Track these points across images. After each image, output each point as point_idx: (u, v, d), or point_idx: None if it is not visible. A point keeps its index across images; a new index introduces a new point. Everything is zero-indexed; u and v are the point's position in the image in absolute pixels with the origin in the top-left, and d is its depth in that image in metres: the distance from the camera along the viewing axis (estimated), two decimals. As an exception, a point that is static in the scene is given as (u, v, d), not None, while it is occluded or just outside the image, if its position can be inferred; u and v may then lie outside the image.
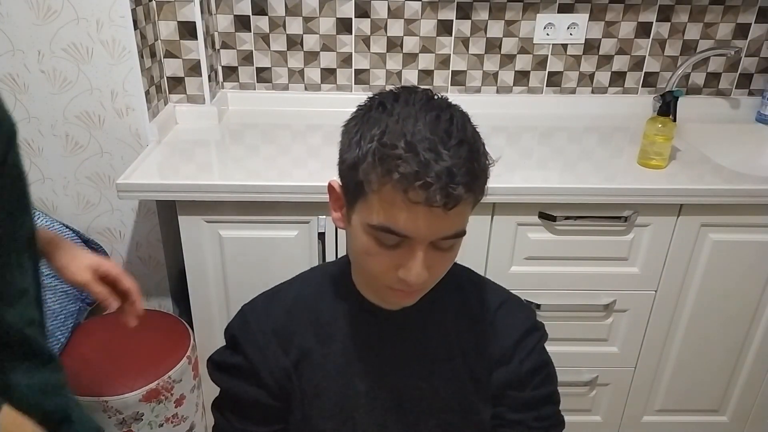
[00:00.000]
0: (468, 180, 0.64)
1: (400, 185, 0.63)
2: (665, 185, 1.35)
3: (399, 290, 0.71)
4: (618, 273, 1.46)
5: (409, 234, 0.66)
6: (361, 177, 0.67)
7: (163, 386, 1.42)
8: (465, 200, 0.65)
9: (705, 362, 1.61)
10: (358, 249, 0.72)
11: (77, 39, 1.41)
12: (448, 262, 0.73)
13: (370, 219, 0.68)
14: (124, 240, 1.64)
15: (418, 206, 0.64)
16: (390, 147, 0.64)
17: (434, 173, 0.62)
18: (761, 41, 1.76)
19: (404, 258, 0.68)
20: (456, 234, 0.68)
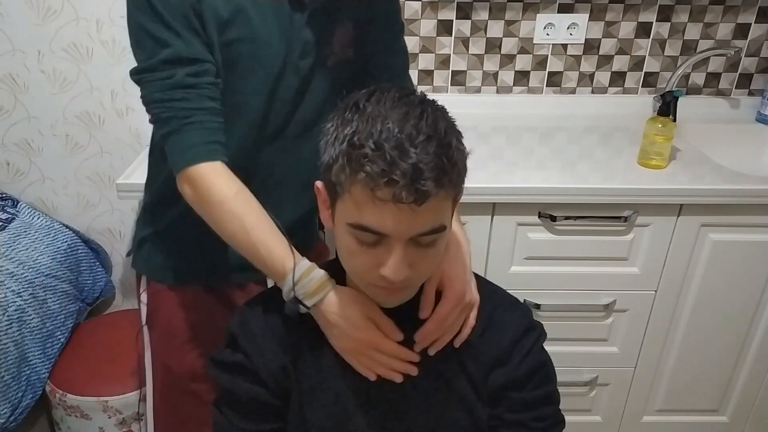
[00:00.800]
0: (436, 175, 0.64)
1: (368, 184, 0.64)
2: (665, 185, 1.35)
3: (383, 288, 0.72)
4: (618, 273, 1.46)
5: (383, 231, 0.67)
6: (334, 178, 0.68)
7: (163, 386, 1.42)
8: (435, 196, 0.65)
9: (705, 362, 1.60)
10: (341, 249, 0.74)
11: (77, 39, 1.41)
12: (432, 259, 0.73)
13: (347, 218, 0.69)
14: (124, 240, 1.64)
15: (387, 204, 0.65)
16: (358, 147, 0.65)
17: (400, 171, 0.63)
18: (761, 41, 1.76)
19: (384, 256, 0.69)
20: (433, 230, 0.69)
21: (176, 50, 0.81)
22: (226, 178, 0.83)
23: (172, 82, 0.82)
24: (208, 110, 0.83)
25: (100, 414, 1.38)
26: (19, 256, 1.38)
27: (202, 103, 0.83)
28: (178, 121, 0.82)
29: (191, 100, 0.82)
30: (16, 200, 1.54)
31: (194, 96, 0.82)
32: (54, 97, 1.46)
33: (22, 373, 1.33)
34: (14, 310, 1.31)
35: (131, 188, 1.32)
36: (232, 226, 0.82)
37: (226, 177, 0.83)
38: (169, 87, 0.82)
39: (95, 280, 1.58)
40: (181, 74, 0.81)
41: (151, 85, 0.83)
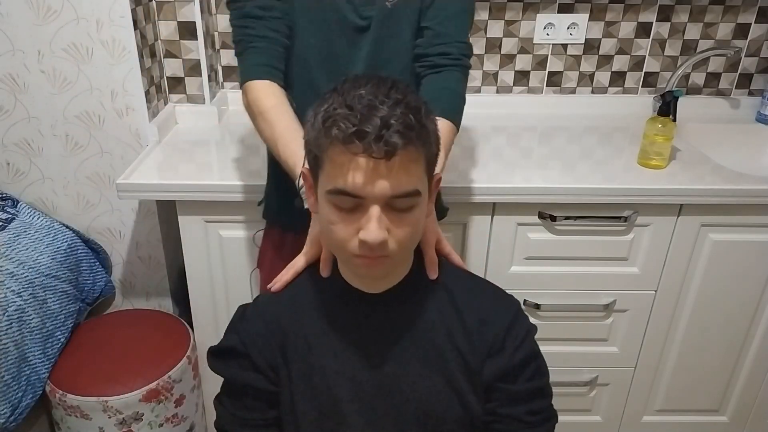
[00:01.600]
0: (403, 129, 0.68)
1: (340, 140, 0.69)
2: (665, 185, 1.35)
3: (364, 257, 0.73)
4: (618, 273, 1.46)
5: (359, 192, 0.70)
6: (315, 148, 0.73)
7: (163, 386, 1.43)
8: (403, 150, 0.69)
9: (705, 362, 1.61)
10: (324, 222, 0.76)
11: (77, 39, 1.41)
12: (409, 226, 0.74)
13: (327, 186, 0.72)
14: (124, 240, 1.64)
15: (359, 159, 0.68)
16: (333, 111, 0.70)
17: (370, 124, 0.67)
18: (761, 41, 1.76)
19: (363, 221, 0.71)
20: (407, 193, 0.71)
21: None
22: (268, 94, 0.99)
23: (242, 12, 1.00)
24: (268, 39, 1.00)
25: (100, 414, 1.38)
26: (19, 256, 1.38)
27: (264, 32, 1.00)
28: (244, 45, 1.01)
29: (256, 29, 0.99)
30: (16, 200, 1.54)
31: (259, 25, 0.99)
32: (54, 97, 1.46)
33: (22, 373, 1.33)
34: (14, 310, 1.31)
35: (131, 188, 1.32)
36: (266, 134, 0.99)
37: (268, 93, 0.99)
38: (240, 16, 1.00)
39: (95, 280, 1.58)
40: (250, 6, 0.99)
41: (231, 12, 1.01)
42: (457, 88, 1.07)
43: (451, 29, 1.06)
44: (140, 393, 1.39)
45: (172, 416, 1.48)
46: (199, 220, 1.37)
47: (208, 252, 1.41)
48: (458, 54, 1.06)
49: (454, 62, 1.06)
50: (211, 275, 1.44)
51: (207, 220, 1.37)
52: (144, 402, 1.40)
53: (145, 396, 1.40)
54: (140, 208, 1.60)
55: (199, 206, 1.35)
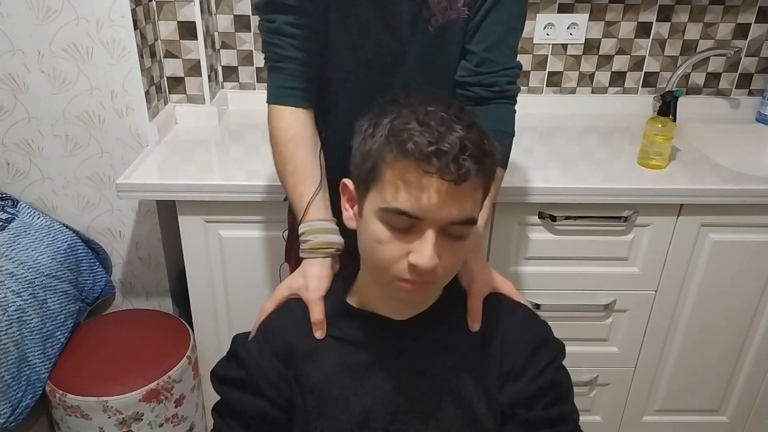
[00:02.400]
0: (478, 155, 0.66)
1: (414, 156, 0.66)
2: (665, 185, 1.35)
3: (409, 281, 0.70)
4: (618, 273, 1.46)
5: (420, 214, 0.67)
6: (376, 159, 0.69)
7: (163, 386, 1.43)
8: (474, 177, 0.67)
9: (705, 362, 1.61)
10: (369, 239, 0.72)
11: (77, 39, 1.41)
12: (459, 255, 0.72)
13: (383, 202, 0.69)
14: (124, 240, 1.64)
15: (430, 179, 0.66)
16: (403, 124, 0.67)
17: (448, 143, 0.65)
18: (761, 41, 1.76)
19: (415, 243, 0.69)
20: (466, 219, 0.69)
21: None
22: (289, 123, 0.94)
23: (272, 27, 0.93)
24: (296, 59, 0.94)
25: (100, 414, 1.38)
26: (19, 256, 1.38)
27: (291, 52, 0.93)
28: (271, 62, 0.96)
29: (284, 48, 0.93)
30: (16, 200, 1.54)
31: (287, 44, 0.93)
32: (54, 97, 1.46)
33: (22, 373, 1.33)
34: (14, 310, 1.31)
35: (131, 188, 1.32)
36: (278, 166, 0.95)
37: (290, 122, 0.95)
38: (269, 31, 0.93)
39: (95, 280, 1.58)
40: (280, 21, 0.92)
41: (261, 24, 0.95)
42: (506, 126, 1.00)
43: (498, 56, 0.97)
44: (140, 393, 1.39)
45: (172, 416, 1.48)
46: (199, 220, 1.37)
47: (208, 252, 1.41)
48: (505, 84, 0.98)
49: (500, 95, 0.98)
50: (211, 275, 1.44)
51: (207, 220, 1.37)
52: (144, 402, 1.40)
53: (145, 396, 1.40)
54: (140, 208, 1.60)
55: (199, 206, 1.35)
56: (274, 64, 0.95)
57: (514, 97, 1.01)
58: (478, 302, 0.84)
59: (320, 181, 0.93)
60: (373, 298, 0.81)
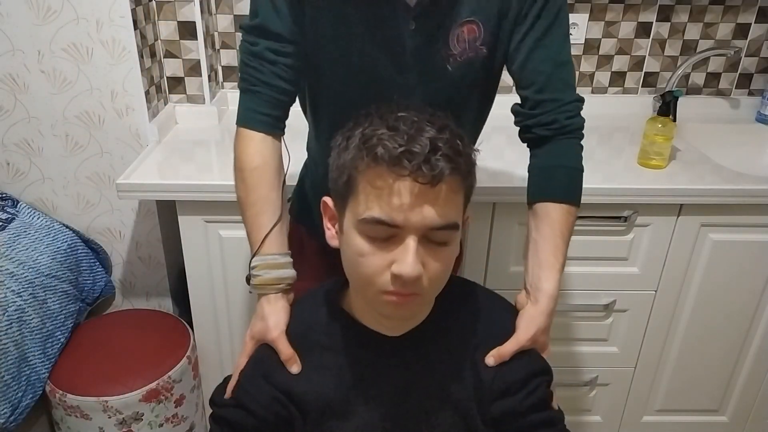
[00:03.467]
0: (451, 154, 0.65)
1: (384, 160, 0.65)
2: (665, 185, 1.35)
3: (394, 294, 0.69)
4: (618, 273, 1.46)
5: (397, 221, 0.66)
6: (350, 171, 0.68)
7: (163, 386, 1.43)
8: (450, 178, 0.66)
9: (705, 362, 1.60)
10: (351, 254, 0.71)
11: (77, 39, 1.41)
12: (444, 262, 0.71)
13: (361, 213, 0.68)
14: (124, 240, 1.63)
15: (404, 183, 0.65)
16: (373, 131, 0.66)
17: (418, 144, 0.64)
18: (761, 41, 1.76)
19: (397, 253, 0.67)
20: (447, 224, 0.68)
21: (266, 21, 0.88)
22: (257, 151, 0.91)
23: (254, 50, 0.89)
24: (274, 87, 0.90)
25: (100, 414, 1.38)
26: (19, 256, 1.38)
27: (270, 79, 0.90)
28: (247, 84, 0.91)
29: (263, 73, 0.90)
30: (16, 200, 1.54)
31: (267, 71, 0.90)
32: (54, 97, 1.46)
33: (22, 373, 1.33)
34: (14, 310, 1.31)
35: (131, 188, 1.32)
36: (240, 194, 0.92)
37: (258, 149, 0.91)
38: (251, 53, 0.90)
39: (95, 280, 1.58)
40: (263, 45, 0.89)
41: (242, 44, 0.92)
42: (568, 160, 0.92)
43: (552, 94, 0.90)
44: (140, 393, 1.39)
45: (172, 416, 1.48)
46: (199, 220, 1.37)
47: (208, 252, 1.41)
48: (565, 120, 0.91)
49: (561, 131, 0.91)
50: (211, 275, 1.44)
51: (207, 220, 1.37)
52: (144, 402, 1.40)
53: (145, 396, 1.40)
54: (140, 208, 1.60)
55: (199, 206, 1.35)
56: (250, 87, 0.91)
57: (578, 130, 0.93)
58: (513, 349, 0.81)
59: (280, 215, 0.90)
60: (365, 314, 0.80)
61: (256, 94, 0.91)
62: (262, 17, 0.88)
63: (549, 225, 0.89)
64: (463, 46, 0.88)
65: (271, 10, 0.88)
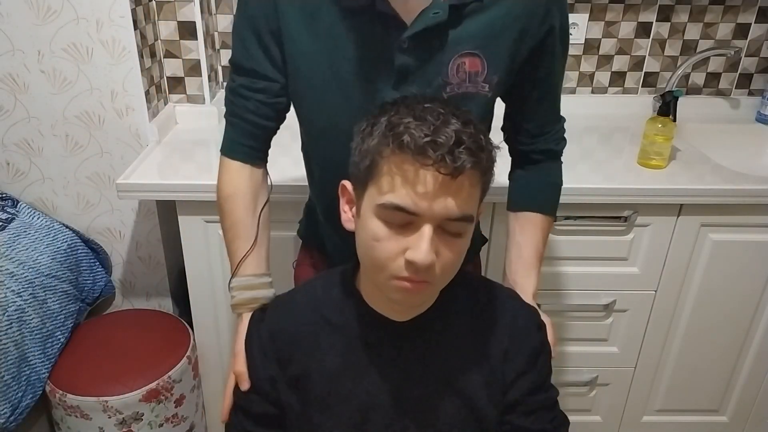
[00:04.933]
0: (474, 148, 0.67)
1: (410, 148, 0.66)
2: (665, 185, 1.35)
3: (406, 280, 0.70)
4: (618, 273, 1.46)
5: (416, 209, 0.67)
6: (373, 155, 0.70)
7: (163, 386, 1.43)
8: (471, 172, 0.68)
9: (705, 362, 1.61)
10: (367, 237, 0.72)
11: (77, 39, 1.41)
12: (456, 253, 0.72)
13: (380, 198, 0.69)
14: (124, 240, 1.64)
15: (426, 172, 0.66)
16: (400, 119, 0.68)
17: (444, 135, 0.65)
18: (761, 41, 1.76)
19: (412, 240, 0.69)
20: (463, 216, 0.69)
21: (239, 59, 0.91)
22: (231, 179, 0.95)
23: (231, 86, 0.93)
24: (248, 121, 0.93)
25: (100, 414, 1.38)
26: (19, 256, 1.38)
27: (244, 113, 0.93)
28: (227, 114, 0.95)
29: (238, 106, 0.93)
30: (16, 200, 1.54)
31: (241, 105, 0.93)
32: (54, 97, 1.46)
33: (22, 373, 1.33)
34: (14, 310, 1.31)
35: (131, 188, 1.32)
36: (220, 218, 0.97)
37: (232, 178, 0.95)
38: (229, 88, 0.94)
39: (95, 280, 1.58)
40: (237, 82, 0.92)
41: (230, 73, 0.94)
42: (553, 177, 1.04)
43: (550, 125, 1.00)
44: (140, 393, 1.39)
45: (172, 416, 1.48)
46: (199, 220, 1.37)
47: (208, 252, 1.41)
48: (555, 146, 1.02)
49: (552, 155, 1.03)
50: (211, 275, 1.44)
51: (207, 220, 1.37)
52: (144, 402, 1.40)
53: (145, 396, 1.40)
54: (140, 208, 1.60)
55: (199, 206, 1.35)
56: (229, 117, 0.95)
57: (562, 150, 1.04)
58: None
59: (254, 240, 0.95)
60: (375, 298, 0.81)
61: (234, 125, 0.94)
62: (235, 55, 0.91)
63: (533, 231, 1.00)
64: (463, 77, 0.85)
65: (242, 49, 0.90)
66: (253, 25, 0.87)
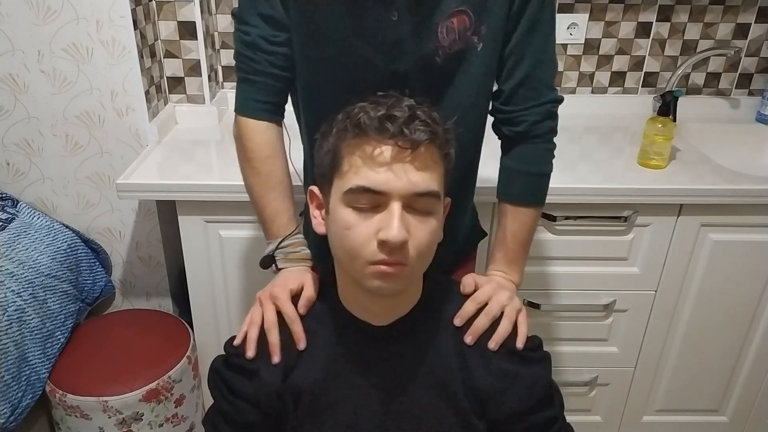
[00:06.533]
0: (430, 121, 0.70)
1: (369, 126, 0.69)
2: (665, 185, 1.35)
3: (381, 263, 0.70)
4: (618, 273, 1.46)
5: (381, 187, 0.69)
6: (335, 148, 0.72)
7: (163, 386, 1.42)
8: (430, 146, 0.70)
9: (705, 362, 1.61)
10: (338, 229, 0.73)
11: (77, 39, 1.41)
12: (429, 232, 0.72)
13: (345, 184, 0.71)
14: (124, 240, 1.64)
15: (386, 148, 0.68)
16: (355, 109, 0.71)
17: (399, 110, 0.69)
18: (761, 41, 1.76)
19: (382, 220, 0.70)
20: (429, 191, 0.71)
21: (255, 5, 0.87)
22: (265, 140, 0.93)
23: (247, 40, 0.88)
24: (270, 75, 0.90)
25: (100, 414, 1.38)
26: (19, 256, 1.38)
27: (266, 68, 0.90)
28: (243, 73, 0.91)
29: (259, 63, 0.89)
30: (16, 200, 1.54)
31: (263, 59, 0.89)
32: (54, 97, 1.46)
33: (22, 373, 1.33)
34: (14, 310, 1.31)
35: (131, 188, 1.32)
36: (253, 181, 0.93)
37: (266, 139, 0.93)
38: (244, 43, 0.89)
39: (95, 280, 1.58)
40: (255, 34, 0.88)
41: (236, 33, 0.91)
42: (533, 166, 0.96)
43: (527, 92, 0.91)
44: (140, 393, 1.39)
45: (172, 416, 1.48)
46: (199, 220, 1.37)
47: (208, 252, 1.41)
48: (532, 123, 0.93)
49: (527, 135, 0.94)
50: (211, 275, 1.44)
51: (207, 220, 1.37)
52: (144, 402, 1.40)
53: (145, 396, 1.40)
54: (140, 208, 1.60)
55: (199, 206, 1.35)
56: (247, 76, 0.91)
57: (547, 134, 0.95)
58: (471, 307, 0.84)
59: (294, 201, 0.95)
60: (353, 303, 0.81)
61: (253, 84, 0.91)
62: (250, 5, 0.88)
63: (503, 224, 0.99)
64: (453, 36, 0.85)
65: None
66: None
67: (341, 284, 0.82)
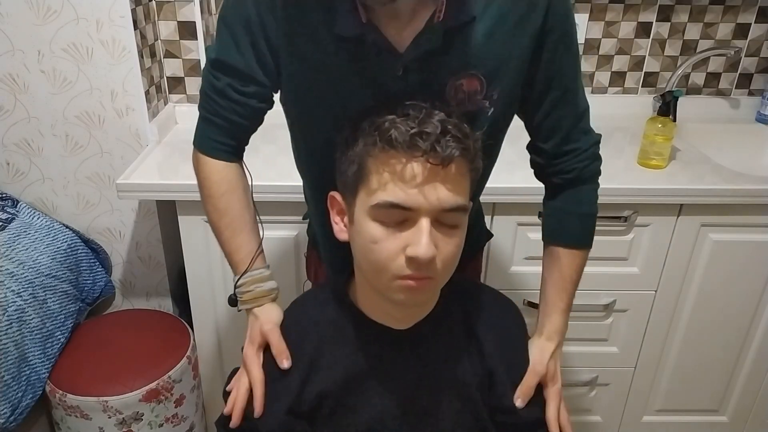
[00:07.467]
0: (461, 136, 0.68)
1: (399, 142, 0.66)
2: (665, 185, 1.35)
3: (409, 278, 0.70)
4: (618, 273, 1.46)
5: (411, 204, 0.67)
6: (361, 159, 0.70)
7: (163, 386, 1.43)
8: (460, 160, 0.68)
9: (705, 362, 1.60)
10: (364, 242, 0.71)
11: (77, 39, 1.41)
12: (455, 245, 0.72)
13: (373, 199, 0.69)
14: (124, 240, 1.64)
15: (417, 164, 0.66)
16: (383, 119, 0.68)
17: (430, 125, 0.66)
18: (761, 41, 1.76)
19: (410, 236, 0.68)
20: (458, 206, 0.69)
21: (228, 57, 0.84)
22: (221, 178, 0.91)
23: (216, 85, 0.86)
24: (232, 122, 0.88)
25: (100, 414, 1.38)
26: (19, 256, 1.38)
27: (230, 114, 0.87)
28: (205, 112, 0.89)
29: (224, 108, 0.87)
30: (16, 200, 1.54)
31: (228, 106, 0.86)
32: (54, 97, 1.46)
33: (22, 373, 1.33)
34: (14, 310, 1.31)
35: (131, 188, 1.32)
36: (212, 218, 0.93)
37: (222, 176, 0.91)
38: (213, 88, 0.86)
39: (95, 280, 1.58)
40: (224, 82, 0.85)
41: (204, 76, 0.88)
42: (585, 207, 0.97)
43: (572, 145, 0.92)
44: (140, 393, 1.39)
45: (172, 416, 1.48)
46: (199, 220, 1.37)
47: (208, 252, 1.41)
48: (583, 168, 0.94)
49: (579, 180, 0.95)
50: (211, 275, 1.44)
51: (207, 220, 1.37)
52: (144, 402, 1.40)
53: (145, 396, 1.40)
54: (140, 208, 1.60)
55: (199, 206, 1.33)
56: (209, 116, 0.88)
57: (595, 176, 0.97)
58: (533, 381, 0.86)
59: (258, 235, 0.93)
60: (373, 308, 0.81)
61: (215, 125, 0.89)
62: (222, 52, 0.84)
63: (558, 269, 0.93)
64: (462, 98, 0.80)
65: (233, 47, 0.83)
66: (249, 28, 0.81)
67: (361, 290, 0.82)
